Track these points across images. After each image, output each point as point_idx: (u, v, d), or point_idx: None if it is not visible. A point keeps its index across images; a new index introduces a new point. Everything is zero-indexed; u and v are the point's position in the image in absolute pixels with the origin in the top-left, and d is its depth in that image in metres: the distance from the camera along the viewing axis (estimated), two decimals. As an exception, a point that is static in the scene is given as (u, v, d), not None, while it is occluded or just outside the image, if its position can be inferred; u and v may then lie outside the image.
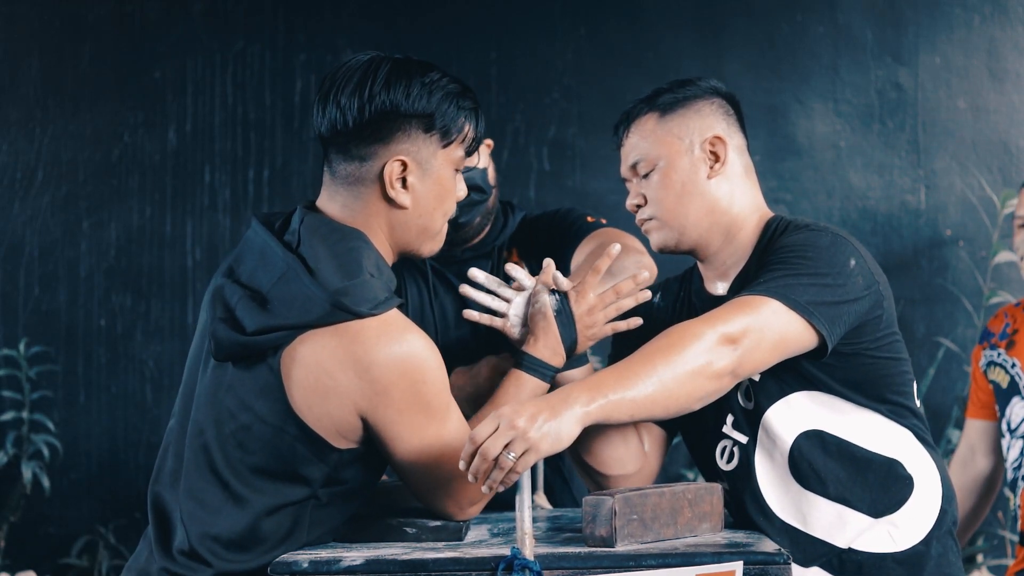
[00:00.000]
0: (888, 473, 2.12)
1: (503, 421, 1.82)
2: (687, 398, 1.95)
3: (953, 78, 3.86)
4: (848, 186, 3.84)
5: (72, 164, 3.90)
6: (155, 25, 3.93)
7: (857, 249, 2.09)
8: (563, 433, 1.84)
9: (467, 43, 3.90)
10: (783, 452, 2.12)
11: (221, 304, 1.98)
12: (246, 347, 1.93)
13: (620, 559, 1.82)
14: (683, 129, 2.20)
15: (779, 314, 2.00)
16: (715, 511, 2.03)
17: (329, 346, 1.90)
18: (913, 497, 2.12)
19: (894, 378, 2.14)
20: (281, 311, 1.91)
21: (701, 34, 3.89)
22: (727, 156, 2.20)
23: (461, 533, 2.00)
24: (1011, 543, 3.72)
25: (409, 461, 1.97)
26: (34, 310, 3.87)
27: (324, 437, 1.93)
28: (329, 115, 1.99)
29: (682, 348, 1.94)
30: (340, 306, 1.89)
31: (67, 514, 3.83)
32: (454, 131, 2.02)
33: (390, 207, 2.01)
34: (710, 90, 2.24)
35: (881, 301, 2.11)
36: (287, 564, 1.84)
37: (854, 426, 2.12)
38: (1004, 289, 3.80)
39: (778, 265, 2.06)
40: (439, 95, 2.00)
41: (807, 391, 2.11)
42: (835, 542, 2.11)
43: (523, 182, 3.88)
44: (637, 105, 2.25)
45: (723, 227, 2.20)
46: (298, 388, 1.91)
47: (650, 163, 2.21)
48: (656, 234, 2.22)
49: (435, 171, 2.02)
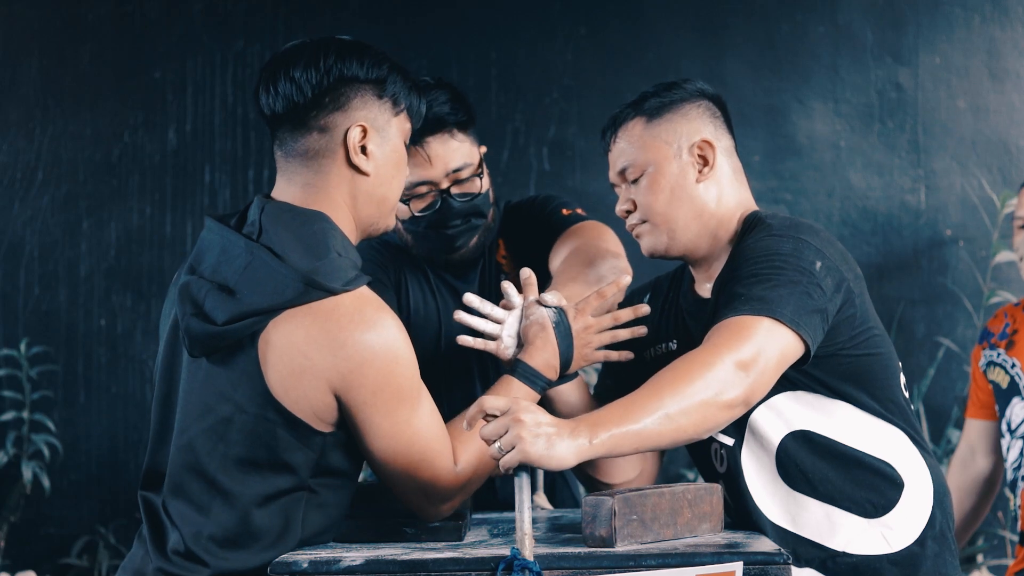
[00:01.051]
0: (877, 474, 2.11)
1: (512, 408, 1.81)
2: (695, 430, 1.91)
3: (953, 78, 3.86)
4: (848, 186, 3.84)
5: (72, 164, 3.90)
6: (155, 25, 3.93)
7: (821, 249, 2.07)
8: (556, 455, 1.79)
9: (467, 43, 3.90)
10: (770, 453, 2.12)
11: (189, 301, 1.98)
12: (220, 338, 1.93)
13: (620, 559, 1.82)
14: (671, 134, 2.20)
15: (774, 332, 1.98)
16: (715, 511, 2.03)
17: (303, 326, 1.91)
18: (904, 498, 2.12)
19: (876, 374, 2.14)
20: (251, 298, 1.92)
21: (701, 34, 3.89)
22: (715, 160, 2.19)
23: (460, 533, 2.00)
24: (1011, 543, 3.73)
25: (380, 446, 1.96)
26: (34, 310, 3.87)
27: (304, 420, 1.93)
28: (283, 91, 2.01)
29: (691, 380, 1.90)
30: (313, 284, 1.90)
31: (67, 514, 3.83)
32: (402, 99, 2.07)
33: (353, 175, 2.03)
34: (696, 92, 2.24)
35: (852, 298, 2.10)
36: (287, 564, 1.84)
37: (841, 426, 2.11)
38: (1004, 289, 3.80)
39: (752, 276, 2.04)
40: (387, 64, 2.06)
41: (790, 392, 2.11)
42: (826, 543, 2.11)
43: (523, 182, 3.88)
44: (624, 110, 2.25)
45: (711, 230, 2.19)
46: (275, 372, 1.91)
47: (639, 168, 2.20)
48: (647, 239, 2.22)
49: (392, 138, 2.07)
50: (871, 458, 2.11)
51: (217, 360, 1.95)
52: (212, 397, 1.96)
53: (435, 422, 2.01)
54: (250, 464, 1.94)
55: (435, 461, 1.99)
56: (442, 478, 1.99)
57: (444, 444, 2.01)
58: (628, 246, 2.53)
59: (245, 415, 1.93)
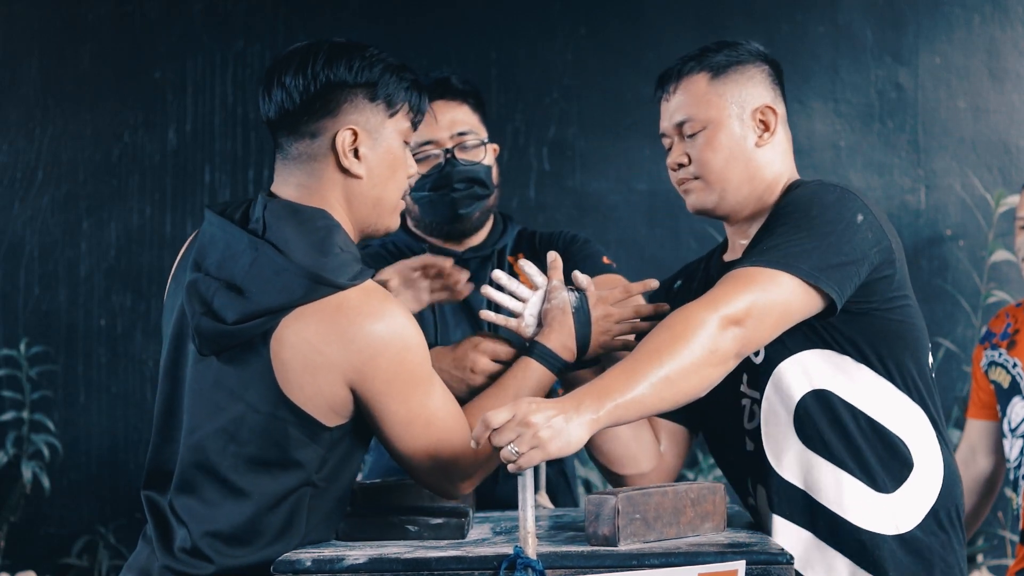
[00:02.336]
0: (888, 447, 2.10)
1: (518, 414, 1.82)
2: (695, 389, 1.95)
3: (953, 78, 3.87)
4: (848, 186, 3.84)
5: (72, 164, 3.90)
6: (155, 25, 3.93)
7: (867, 205, 2.08)
8: (572, 438, 1.83)
9: (467, 43, 3.91)
10: (789, 409, 2.11)
11: (198, 299, 1.98)
12: (231, 337, 1.94)
13: (623, 558, 1.82)
14: (735, 94, 2.18)
15: (783, 285, 1.98)
16: (718, 510, 2.03)
17: (313, 323, 1.92)
18: (912, 477, 2.11)
19: (907, 343, 2.12)
20: (260, 296, 1.93)
21: (701, 34, 3.89)
22: (776, 127, 2.19)
23: (463, 531, 2.00)
24: (1011, 543, 3.73)
25: (398, 433, 1.98)
26: (34, 310, 3.87)
27: (316, 417, 1.94)
28: (275, 97, 2.03)
29: (686, 339, 1.93)
30: (321, 280, 1.91)
31: (67, 514, 3.83)
32: (397, 100, 2.07)
33: (345, 178, 2.04)
34: (759, 55, 2.23)
35: (892, 260, 2.09)
36: (290, 563, 1.84)
37: (863, 392, 2.10)
38: (1002, 288, 3.80)
39: (781, 228, 2.04)
40: (380, 67, 2.05)
41: (819, 349, 2.10)
42: (832, 507, 2.10)
43: (523, 182, 3.88)
44: (687, 63, 2.22)
45: (759, 194, 2.19)
46: (288, 370, 1.92)
47: (699, 124, 2.18)
48: (696, 195, 2.21)
49: (385, 141, 2.06)
50: (886, 430, 2.10)
51: (227, 359, 1.96)
52: (223, 397, 1.96)
53: (449, 402, 2.03)
54: (261, 463, 1.95)
55: (453, 440, 2.00)
56: (461, 457, 2.01)
57: (460, 423, 2.03)
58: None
59: (258, 415, 1.94)
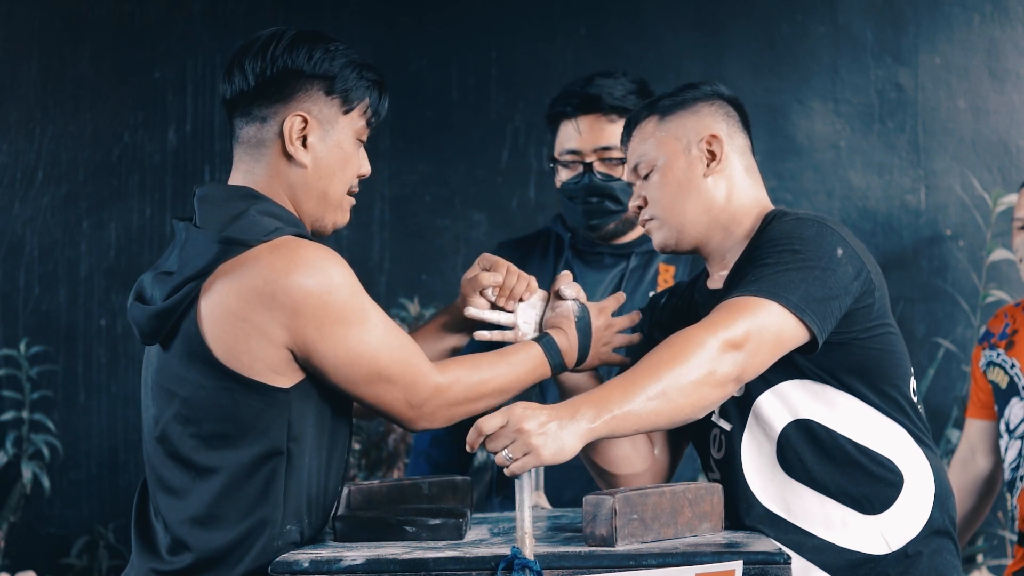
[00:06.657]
0: (876, 471, 2.11)
1: (512, 420, 1.84)
2: (691, 408, 1.96)
3: (953, 78, 3.86)
4: (848, 186, 3.85)
5: (72, 164, 3.90)
6: (155, 25, 3.93)
7: (845, 238, 2.09)
8: (566, 446, 1.86)
9: (467, 43, 3.90)
10: (772, 440, 2.12)
11: (134, 292, 2.02)
12: (159, 317, 1.94)
13: (620, 558, 1.82)
14: (681, 130, 2.22)
15: (774, 315, 2.00)
16: (715, 511, 2.03)
17: (232, 290, 1.90)
18: (903, 496, 2.11)
19: (886, 371, 2.14)
20: (181, 270, 1.94)
21: (701, 34, 3.89)
22: (723, 154, 2.21)
23: (461, 532, 2.00)
24: (1011, 543, 3.73)
25: (346, 375, 1.95)
26: (34, 310, 3.87)
27: (263, 381, 1.92)
28: (234, 79, 2.03)
29: (685, 358, 1.95)
30: (231, 240, 1.91)
31: (67, 514, 3.83)
32: (355, 98, 2.05)
33: (290, 165, 2.03)
34: (711, 93, 2.27)
35: (872, 290, 2.10)
36: (287, 564, 1.84)
37: (845, 419, 2.11)
38: (1000, 288, 3.80)
39: (767, 260, 2.07)
40: (342, 61, 2.04)
41: (797, 380, 2.11)
42: (819, 534, 2.11)
43: (523, 182, 3.88)
44: (640, 110, 2.28)
45: (722, 224, 2.21)
46: (220, 342, 1.91)
47: (649, 164, 2.23)
48: (657, 233, 2.24)
49: (337, 135, 2.05)
50: (872, 454, 2.11)
51: (168, 346, 1.96)
52: (172, 383, 1.96)
53: (392, 333, 1.98)
54: (221, 438, 1.94)
55: (406, 368, 1.97)
56: (420, 381, 1.97)
57: (410, 351, 1.99)
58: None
59: (204, 391, 1.93)
